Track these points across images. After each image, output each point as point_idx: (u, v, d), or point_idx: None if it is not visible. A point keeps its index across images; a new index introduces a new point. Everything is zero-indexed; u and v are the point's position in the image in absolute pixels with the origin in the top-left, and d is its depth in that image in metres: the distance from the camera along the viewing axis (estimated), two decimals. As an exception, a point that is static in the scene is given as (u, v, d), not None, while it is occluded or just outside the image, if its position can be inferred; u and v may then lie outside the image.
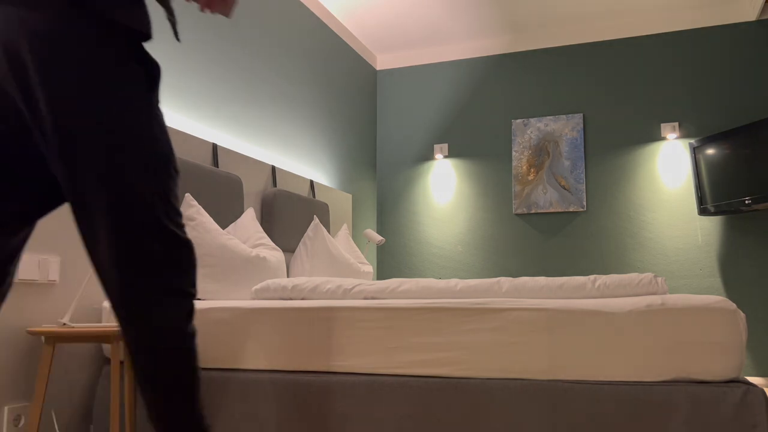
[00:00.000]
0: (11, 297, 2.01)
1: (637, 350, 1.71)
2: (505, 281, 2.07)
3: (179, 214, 1.21)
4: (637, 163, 4.48)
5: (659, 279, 1.96)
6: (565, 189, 4.60)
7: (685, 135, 4.38)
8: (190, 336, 1.24)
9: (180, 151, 2.82)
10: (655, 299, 1.75)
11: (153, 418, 1.23)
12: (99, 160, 1.11)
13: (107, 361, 2.30)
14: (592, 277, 2.00)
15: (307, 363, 2.00)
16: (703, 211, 4.13)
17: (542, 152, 4.71)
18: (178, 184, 1.21)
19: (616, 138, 4.56)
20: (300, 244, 3.32)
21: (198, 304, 2.19)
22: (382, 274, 5.01)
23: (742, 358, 1.67)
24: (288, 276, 3.28)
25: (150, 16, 1.21)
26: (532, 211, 4.66)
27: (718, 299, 1.71)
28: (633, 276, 1.97)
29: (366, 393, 1.89)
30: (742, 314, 1.71)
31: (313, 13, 4.23)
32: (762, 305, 4.06)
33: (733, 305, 1.69)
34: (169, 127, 2.76)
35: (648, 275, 1.96)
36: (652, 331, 1.70)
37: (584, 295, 1.97)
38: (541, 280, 2.03)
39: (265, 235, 2.88)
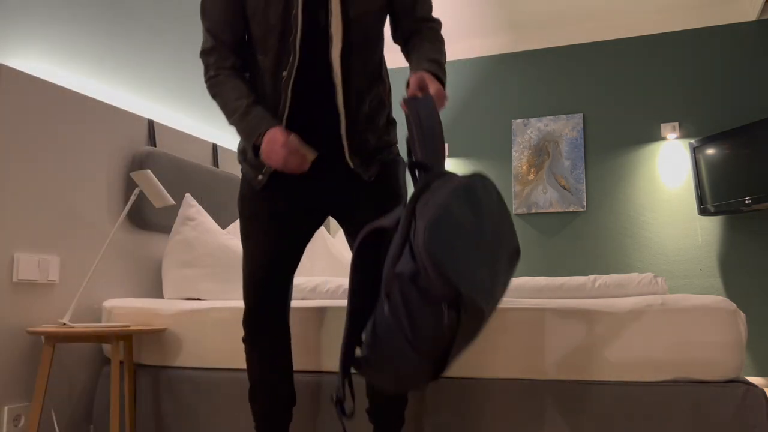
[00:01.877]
0: (11, 297, 2.02)
1: (637, 350, 1.71)
2: (521, 279, 2.07)
3: None
4: (637, 163, 4.48)
5: (659, 279, 1.96)
6: (565, 189, 4.60)
7: (685, 135, 4.38)
8: None
9: (180, 151, 2.82)
10: (655, 299, 1.75)
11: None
12: None
13: (107, 361, 2.30)
14: (592, 277, 2.00)
15: (307, 363, 2.00)
16: (703, 211, 4.13)
17: (542, 152, 4.71)
18: None
19: (616, 138, 4.56)
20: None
21: (198, 305, 2.19)
22: (382, 274, 5.00)
23: (742, 358, 1.67)
24: (288, 276, 3.27)
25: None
26: (532, 211, 4.66)
27: (718, 299, 1.71)
28: (633, 276, 1.97)
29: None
30: (742, 314, 1.71)
31: (313, 13, 4.22)
32: (762, 305, 4.06)
33: (733, 305, 1.69)
34: (169, 127, 2.76)
35: (648, 275, 1.96)
36: (652, 331, 1.70)
37: (584, 295, 1.97)
38: (541, 280, 2.03)
39: (265, 235, 2.88)
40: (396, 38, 1.71)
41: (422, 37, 1.65)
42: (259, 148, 1.54)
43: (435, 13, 4.48)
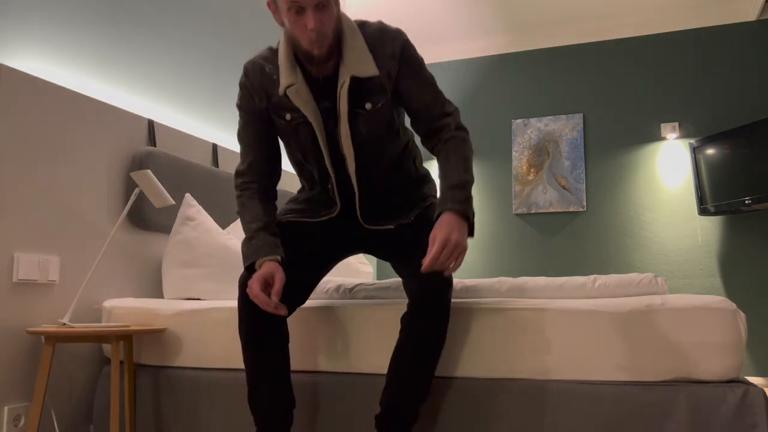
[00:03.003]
0: (11, 297, 2.02)
1: (638, 350, 1.71)
2: (505, 281, 2.07)
3: None
4: (637, 163, 4.48)
5: (659, 279, 1.96)
6: (565, 189, 4.61)
7: (685, 135, 4.38)
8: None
9: (180, 151, 2.82)
10: (655, 299, 1.75)
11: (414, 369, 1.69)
12: None
13: (107, 361, 2.30)
14: (592, 277, 1.99)
15: (307, 363, 1.99)
16: (703, 211, 4.13)
17: (542, 152, 4.71)
18: None
19: (616, 138, 4.56)
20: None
21: (198, 305, 2.19)
22: (381, 274, 5.00)
23: (742, 358, 1.67)
24: (288, 276, 3.26)
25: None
26: (532, 211, 4.66)
27: (718, 299, 1.71)
28: (633, 276, 1.97)
29: (367, 393, 1.88)
30: (743, 314, 1.71)
31: (313, 13, 4.22)
32: (762, 305, 4.06)
33: (733, 305, 1.69)
34: (169, 127, 2.76)
35: (648, 275, 1.96)
36: (652, 331, 1.70)
37: (584, 294, 1.97)
38: (541, 280, 2.03)
39: (265, 235, 2.88)
40: (419, 133, 1.80)
41: (448, 148, 1.71)
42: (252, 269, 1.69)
43: (436, 14, 4.49)
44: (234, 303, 2.15)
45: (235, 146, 3.32)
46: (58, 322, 2.01)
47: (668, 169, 4.39)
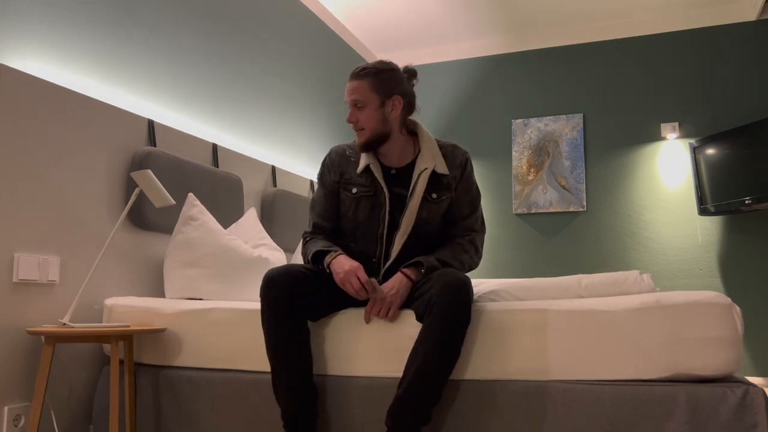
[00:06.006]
0: (11, 297, 2.02)
1: (635, 348, 1.71)
2: (506, 281, 2.07)
3: None
4: (637, 163, 4.48)
5: (645, 276, 1.95)
6: (565, 189, 4.61)
7: (685, 135, 4.38)
8: None
9: (180, 151, 2.82)
10: (650, 297, 1.75)
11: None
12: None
13: (107, 360, 2.30)
14: (577, 276, 1.99)
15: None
16: (703, 211, 4.13)
17: (542, 152, 4.71)
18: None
19: (616, 138, 4.56)
20: (300, 244, 3.32)
21: (198, 304, 2.19)
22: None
23: (740, 352, 1.67)
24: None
25: None
26: (532, 211, 4.66)
27: (713, 294, 1.71)
28: (618, 274, 1.97)
29: (367, 394, 1.88)
30: (738, 308, 1.71)
31: (313, 13, 4.23)
32: (762, 305, 4.06)
33: (728, 300, 1.69)
34: (169, 127, 2.76)
35: (633, 272, 1.96)
36: (649, 328, 1.70)
37: (572, 295, 1.96)
38: (541, 280, 2.03)
39: (267, 236, 2.88)
40: (444, 227, 2.08)
41: (454, 242, 2.03)
42: (323, 257, 1.94)
43: (436, 14, 4.49)
44: (235, 304, 2.15)
45: (235, 146, 3.32)
46: (58, 322, 2.00)
47: (668, 169, 4.39)
